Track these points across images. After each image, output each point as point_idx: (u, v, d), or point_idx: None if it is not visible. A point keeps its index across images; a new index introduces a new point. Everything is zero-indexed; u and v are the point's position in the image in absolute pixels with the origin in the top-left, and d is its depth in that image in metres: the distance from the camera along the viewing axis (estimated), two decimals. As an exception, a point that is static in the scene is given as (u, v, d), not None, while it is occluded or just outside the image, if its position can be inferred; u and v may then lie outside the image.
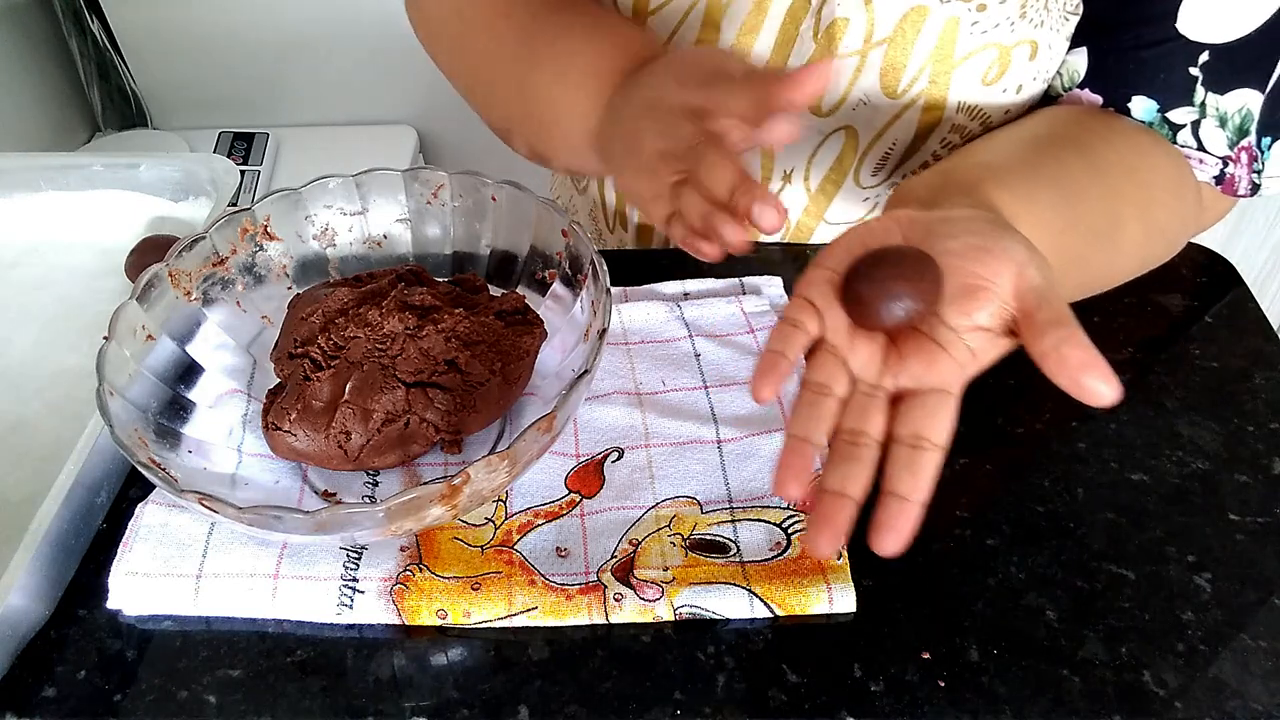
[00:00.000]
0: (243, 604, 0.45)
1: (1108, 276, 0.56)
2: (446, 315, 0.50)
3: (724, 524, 0.48)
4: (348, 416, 0.48)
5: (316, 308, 0.52)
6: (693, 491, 0.49)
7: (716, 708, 0.42)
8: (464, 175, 0.55)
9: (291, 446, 0.48)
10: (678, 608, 0.44)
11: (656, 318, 0.58)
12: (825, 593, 0.45)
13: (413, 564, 0.46)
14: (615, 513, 0.49)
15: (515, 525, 0.48)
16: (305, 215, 0.56)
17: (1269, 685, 0.42)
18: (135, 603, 0.45)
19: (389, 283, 0.53)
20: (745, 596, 0.45)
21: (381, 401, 0.48)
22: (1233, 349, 0.56)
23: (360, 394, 0.48)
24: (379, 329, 0.50)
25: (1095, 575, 0.46)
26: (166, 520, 0.47)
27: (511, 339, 0.51)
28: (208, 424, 0.50)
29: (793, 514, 0.48)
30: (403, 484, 0.50)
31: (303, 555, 0.46)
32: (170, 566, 0.46)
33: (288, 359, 0.51)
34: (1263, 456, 0.51)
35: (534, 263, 0.56)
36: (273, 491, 0.49)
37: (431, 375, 0.49)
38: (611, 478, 0.50)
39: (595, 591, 0.45)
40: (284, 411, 0.48)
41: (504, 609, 0.44)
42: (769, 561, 0.46)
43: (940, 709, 0.42)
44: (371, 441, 0.48)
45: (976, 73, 0.57)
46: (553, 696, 0.42)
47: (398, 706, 0.42)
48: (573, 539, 0.47)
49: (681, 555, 0.46)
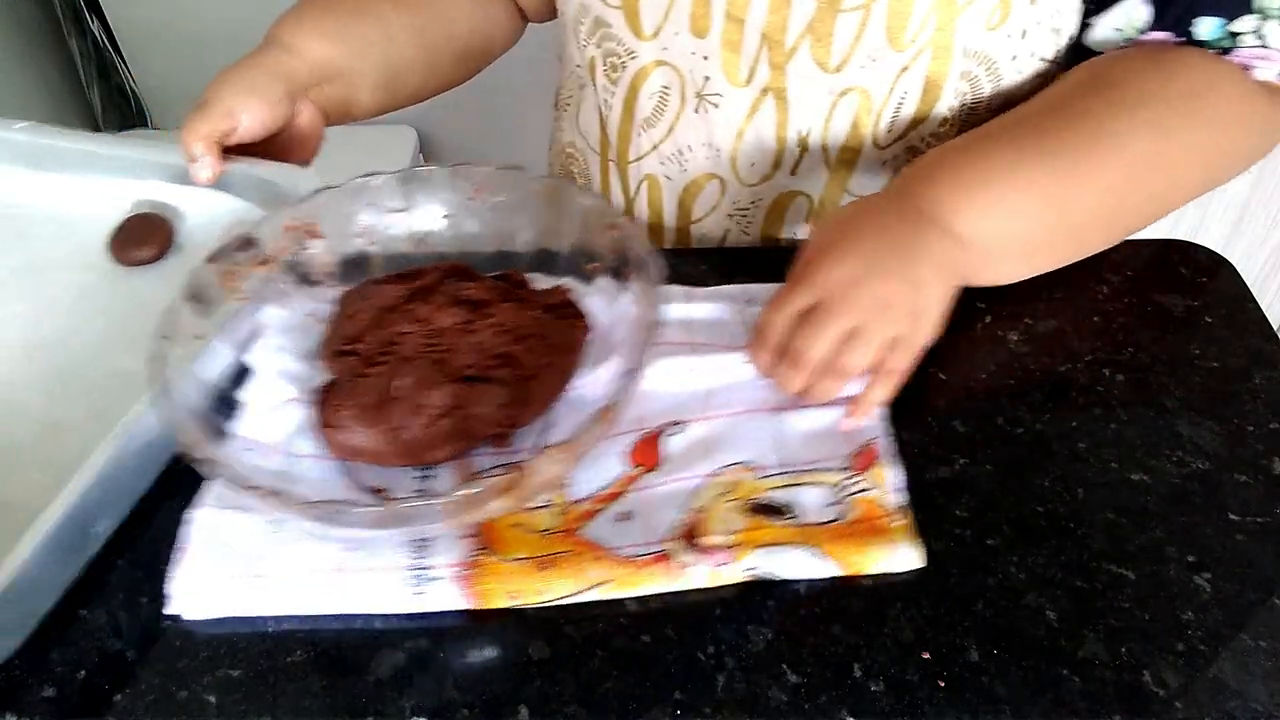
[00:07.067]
0: (310, 600, 0.45)
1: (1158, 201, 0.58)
2: (497, 309, 0.50)
3: (781, 488, 0.49)
4: (401, 412, 0.48)
5: (365, 304, 0.52)
6: (748, 457, 0.50)
7: (716, 708, 0.42)
8: (508, 170, 0.55)
9: (346, 443, 0.48)
10: (746, 569, 0.45)
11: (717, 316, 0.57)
12: (889, 550, 0.46)
13: (479, 550, 0.46)
14: (677, 484, 0.49)
15: (578, 513, 0.48)
16: (348, 213, 0.55)
17: (1269, 685, 0.42)
18: (196, 607, 0.45)
19: (437, 278, 0.53)
20: (811, 556, 0.46)
21: (434, 396, 0.48)
22: (1233, 349, 0.56)
23: (413, 389, 0.48)
24: (430, 324, 0.50)
25: (1095, 575, 0.46)
26: (219, 523, 0.47)
27: (560, 332, 0.51)
28: (255, 423, 0.50)
29: (849, 476, 0.49)
30: (455, 478, 0.50)
31: (365, 548, 0.46)
32: (230, 569, 0.46)
33: (338, 356, 0.51)
34: (1263, 456, 0.51)
35: (578, 257, 0.55)
36: (321, 488, 0.49)
37: (484, 369, 0.49)
38: (671, 450, 0.51)
39: (664, 561, 0.46)
40: (338, 408, 0.48)
41: (576, 585, 0.45)
42: (830, 524, 0.47)
43: (940, 709, 0.42)
44: (425, 436, 0.48)
45: (980, 18, 0.58)
46: (553, 696, 0.42)
47: (397, 706, 0.42)
48: (636, 511, 0.48)
49: (744, 519, 0.47)
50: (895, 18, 0.58)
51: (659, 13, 0.62)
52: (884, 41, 0.59)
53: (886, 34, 0.58)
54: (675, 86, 0.65)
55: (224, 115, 0.60)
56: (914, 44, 0.59)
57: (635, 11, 0.63)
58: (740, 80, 0.63)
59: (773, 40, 0.60)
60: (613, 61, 0.67)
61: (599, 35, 0.66)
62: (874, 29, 0.58)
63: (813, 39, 0.60)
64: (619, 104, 0.69)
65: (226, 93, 0.60)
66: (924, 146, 0.65)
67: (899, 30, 0.58)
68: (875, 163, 0.66)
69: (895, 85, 0.61)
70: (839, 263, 0.51)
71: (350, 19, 0.68)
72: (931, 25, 0.58)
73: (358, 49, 0.68)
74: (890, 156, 0.65)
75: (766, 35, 0.60)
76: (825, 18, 0.58)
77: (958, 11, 0.57)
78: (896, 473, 0.49)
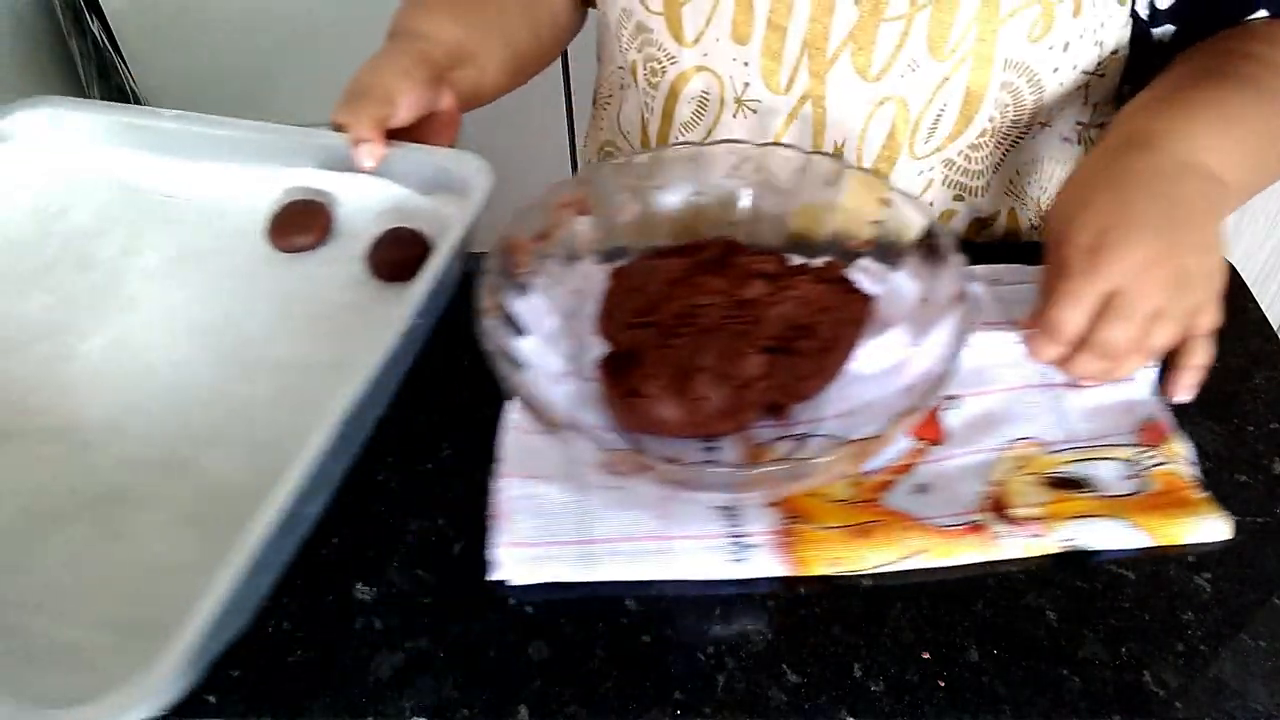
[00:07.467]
0: (634, 568, 0.46)
1: None
2: (797, 282, 0.50)
3: (1075, 463, 0.49)
4: (707, 383, 0.48)
5: (651, 278, 0.52)
6: (1035, 433, 0.51)
7: (716, 708, 0.42)
8: (774, 147, 0.55)
9: (651, 414, 0.48)
10: (1062, 540, 0.46)
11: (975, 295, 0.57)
12: (1198, 521, 0.46)
13: (789, 518, 0.47)
14: (968, 458, 0.50)
15: (872, 484, 0.49)
16: (609, 192, 0.56)
17: (1269, 685, 0.42)
18: (523, 573, 0.46)
19: (718, 252, 0.53)
20: (1122, 528, 0.46)
21: (740, 367, 0.48)
22: (1233, 349, 0.56)
23: (721, 360, 0.48)
24: (732, 296, 0.50)
25: (1095, 575, 0.46)
26: (532, 492, 0.48)
27: (848, 305, 0.51)
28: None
29: (1142, 449, 0.49)
30: (739, 450, 0.50)
31: (678, 517, 0.47)
32: (553, 535, 0.46)
33: (629, 329, 0.51)
34: (1263, 456, 0.51)
35: (842, 233, 0.55)
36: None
37: (786, 341, 0.49)
38: (953, 424, 0.51)
39: (980, 531, 0.46)
40: (645, 378, 0.48)
41: (896, 553, 0.46)
42: (1133, 496, 0.48)
43: (940, 709, 0.42)
44: (724, 407, 0.48)
45: (1022, 29, 0.58)
46: (553, 696, 0.42)
47: (397, 706, 0.42)
48: (933, 484, 0.49)
49: (1046, 493, 0.48)
50: (937, 27, 0.58)
51: (700, 19, 0.63)
52: (925, 51, 0.59)
53: (928, 43, 0.58)
54: (715, 92, 0.66)
55: (385, 100, 0.59)
56: (955, 54, 0.59)
57: (677, 18, 0.63)
58: (780, 87, 0.63)
59: (814, 48, 0.61)
60: (653, 66, 0.67)
61: (640, 40, 0.67)
62: (916, 38, 0.58)
63: (854, 47, 0.60)
64: (659, 108, 0.69)
65: (385, 78, 0.60)
66: (960, 159, 0.65)
67: (940, 40, 0.58)
68: (911, 173, 0.65)
69: (935, 95, 0.61)
70: (1132, 246, 0.48)
71: (472, 1, 0.69)
72: (973, 36, 0.58)
73: (482, 31, 0.68)
74: (927, 168, 0.65)
75: (808, 43, 0.60)
76: (867, 26, 0.59)
77: (1000, 22, 0.57)
78: (1188, 446, 0.50)
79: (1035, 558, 0.46)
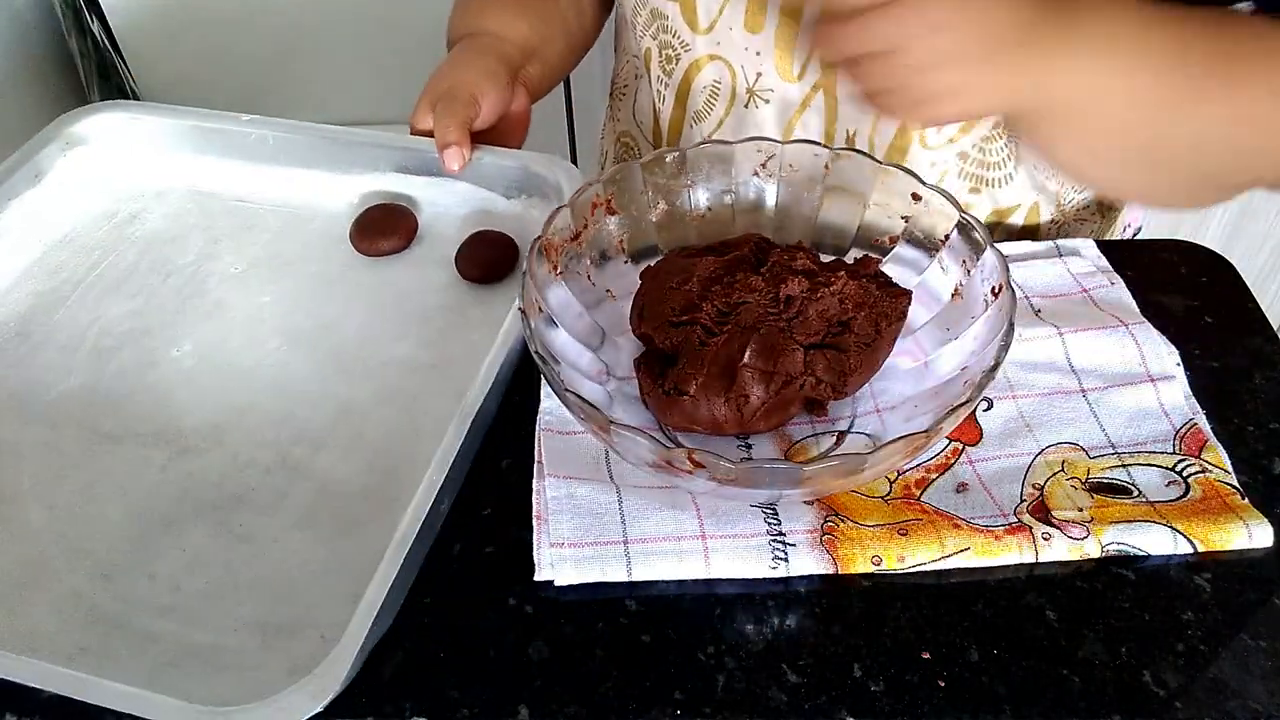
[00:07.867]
0: (676, 568, 0.46)
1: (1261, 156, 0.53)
2: (835, 278, 0.50)
3: (1116, 469, 0.49)
4: (748, 380, 0.48)
5: (688, 275, 0.51)
6: (1073, 438, 0.51)
7: (716, 708, 0.42)
8: (800, 144, 0.55)
9: (692, 413, 0.48)
10: (1105, 545, 0.46)
11: None
12: (1244, 528, 0.46)
13: (829, 515, 0.47)
14: (1006, 460, 0.50)
15: (910, 481, 0.49)
16: (639, 190, 0.55)
17: (1269, 685, 0.42)
18: (566, 573, 0.46)
19: (752, 249, 0.53)
20: (1168, 533, 0.46)
21: (783, 364, 0.48)
22: (1233, 349, 0.56)
23: (762, 357, 0.48)
24: (769, 294, 0.50)
25: (1095, 575, 0.46)
26: (571, 492, 0.48)
27: (887, 301, 0.51)
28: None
29: (1182, 458, 0.49)
30: (775, 447, 0.51)
31: (719, 517, 0.47)
32: (595, 535, 0.46)
33: (669, 327, 0.50)
34: (1263, 456, 0.51)
35: (870, 229, 0.55)
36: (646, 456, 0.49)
37: (827, 337, 0.50)
38: (988, 426, 0.51)
39: (1022, 532, 0.46)
40: (689, 377, 0.48)
41: (937, 551, 0.46)
42: (1176, 502, 0.48)
43: (940, 709, 0.42)
44: (764, 405, 0.48)
45: None
46: (553, 697, 0.42)
47: (398, 706, 0.42)
48: (973, 484, 0.49)
49: (1088, 497, 0.48)
50: None
51: (714, 6, 0.63)
52: None
53: None
54: (727, 81, 0.66)
55: (471, 102, 0.59)
56: None
57: (691, 5, 0.63)
58: (792, 77, 0.63)
59: None
60: (667, 54, 0.67)
61: (655, 27, 0.67)
62: None
63: None
64: (671, 96, 0.69)
65: (471, 78, 0.60)
66: (975, 151, 0.65)
67: None
68: (924, 165, 0.65)
69: None
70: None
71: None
72: None
73: (545, 27, 0.68)
74: (939, 159, 0.65)
75: None
76: None
77: None
78: (1225, 455, 0.50)
79: (1035, 559, 0.46)
